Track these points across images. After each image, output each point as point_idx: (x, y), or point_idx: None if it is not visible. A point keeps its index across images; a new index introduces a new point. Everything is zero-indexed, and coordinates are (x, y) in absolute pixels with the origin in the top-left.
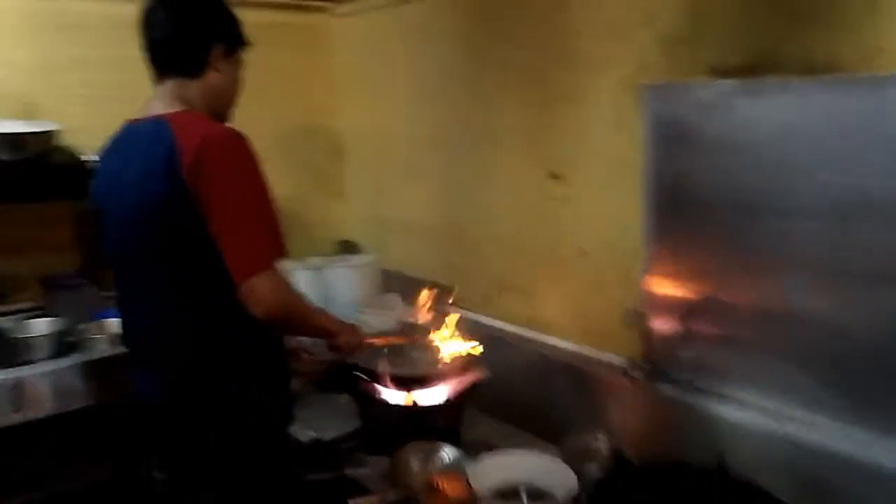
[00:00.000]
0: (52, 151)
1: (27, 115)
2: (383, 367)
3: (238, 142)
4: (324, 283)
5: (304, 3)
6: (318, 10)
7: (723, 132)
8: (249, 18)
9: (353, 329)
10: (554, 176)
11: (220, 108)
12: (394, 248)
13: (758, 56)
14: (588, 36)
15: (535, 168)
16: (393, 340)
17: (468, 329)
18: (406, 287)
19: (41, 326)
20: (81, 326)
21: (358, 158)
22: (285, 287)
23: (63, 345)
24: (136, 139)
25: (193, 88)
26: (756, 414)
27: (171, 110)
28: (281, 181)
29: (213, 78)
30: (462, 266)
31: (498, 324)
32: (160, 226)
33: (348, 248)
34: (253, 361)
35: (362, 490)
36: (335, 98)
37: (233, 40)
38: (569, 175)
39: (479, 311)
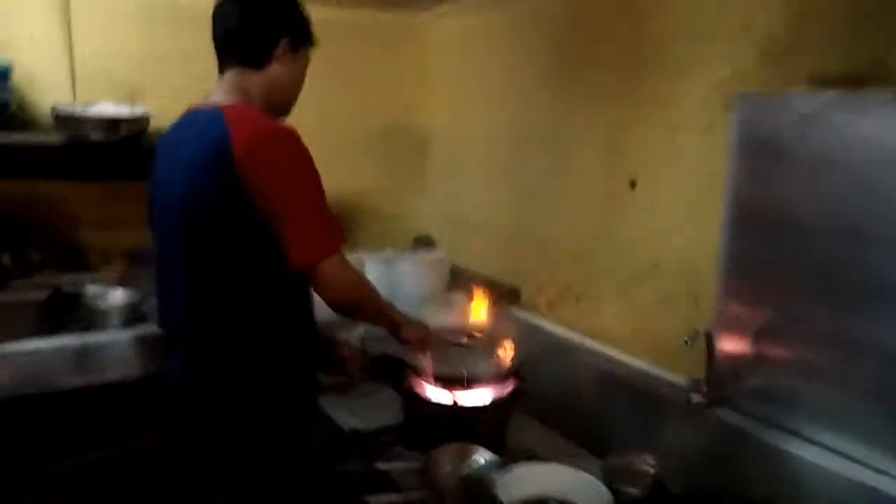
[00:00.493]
0: (144, 134)
1: (132, 101)
2: (428, 364)
3: (293, 137)
4: (392, 276)
5: (405, 0)
6: (418, 8)
7: (818, 149)
8: (348, 17)
9: (420, 325)
10: (633, 183)
11: (279, 102)
12: (467, 245)
13: (864, 65)
14: (683, 40)
15: (614, 174)
16: (459, 341)
17: (531, 334)
18: (475, 286)
19: (116, 296)
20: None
21: (441, 155)
22: (354, 272)
23: (134, 316)
24: (191, 127)
25: (254, 79)
26: (825, 454)
27: (228, 100)
28: (365, 173)
29: (275, 71)
30: (531, 269)
31: (560, 331)
32: (203, 216)
33: (424, 242)
34: (278, 358)
35: (389, 486)
36: (426, 95)
37: (300, 36)
38: (648, 183)
39: (545, 316)
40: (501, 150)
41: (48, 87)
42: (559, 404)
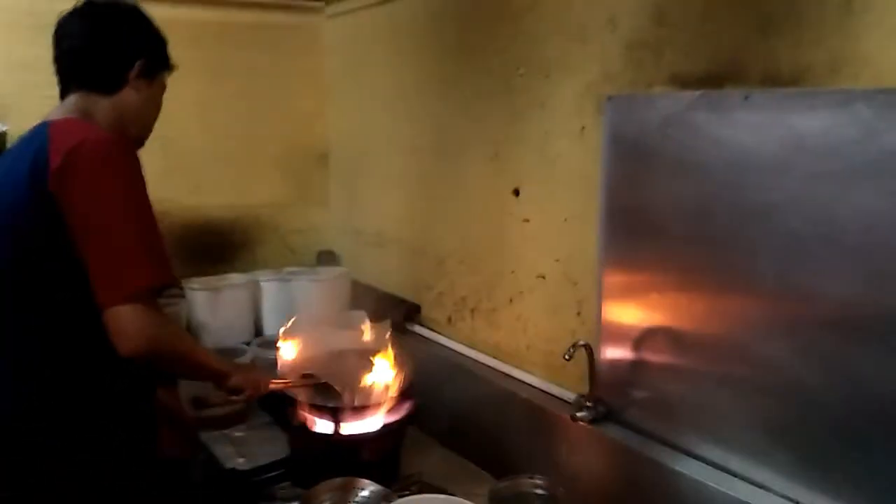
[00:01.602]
0: None
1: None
2: (305, 394)
3: (118, 147)
4: (290, 295)
5: (296, 3)
6: (309, 10)
7: (679, 151)
8: (236, 18)
9: (248, 371)
10: (516, 191)
11: (131, 130)
12: (369, 260)
13: (722, 65)
14: (555, 40)
15: (500, 182)
16: (299, 384)
17: (430, 351)
18: (376, 303)
19: None
20: None
21: (341, 166)
22: (157, 320)
23: None
24: (18, 143)
25: (102, 105)
26: (707, 469)
27: (64, 117)
28: (263, 187)
29: (127, 97)
30: (429, 284)
31: (459, 347)
32: (12, 240)
33: (327, 259)
34: (90, 400)
35: None
36: (322, 102)
37: (156, 59)
38: (530, 191)
39: (444, 332)
40: (397, 159)
41: None
42: (458, 424)
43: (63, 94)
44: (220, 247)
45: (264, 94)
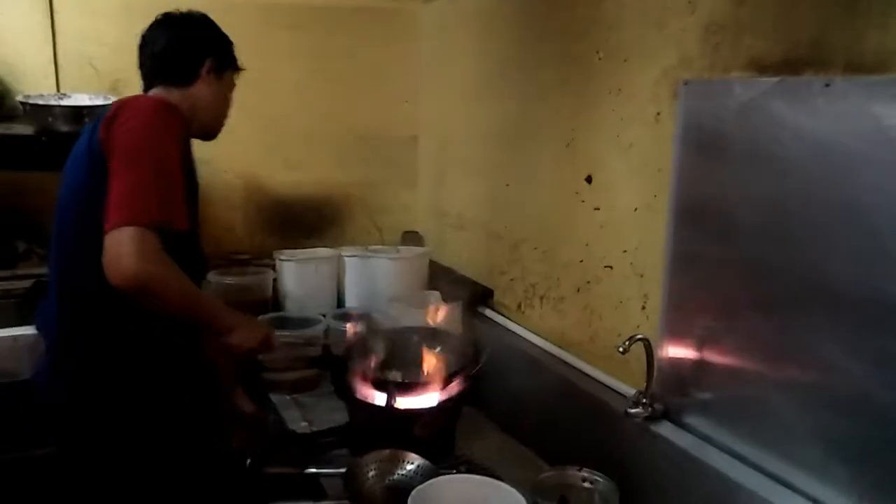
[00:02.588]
0: None
1: (115, 92)
2: (366, 367)
3: (160, 105)
4: (371, 272)
5: None
6: None
7: (756, 140)
8: (336, 3)
9: (255, 327)
10: (589, 178)
11: (203, 121)
12: (449, 243)
13: (803, 49)
14: (633, 24)
15: (574, 169)
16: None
17: (499, 336)
18: (452, 285)
19: None
20: None
21: (429, 148)
22: (153, 255)
23: None
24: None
25: (177, 95)
26: (764, 479)
27: None
28: (355, 166)
29: (200, 90)
30: (503, 269)
31: (526, 334)
32: (72, 199)
33: (412, 238)
34: (150, 357)
35: (316, 491)
36: (415, 86)
37: (224, 58)
38: (603, 178)
39: (513, 318)
40: (481, 143)
41: (31, 78)
42: (518, 410)
43: (146, 91)
44: (311, 221)
45: (360, 76)
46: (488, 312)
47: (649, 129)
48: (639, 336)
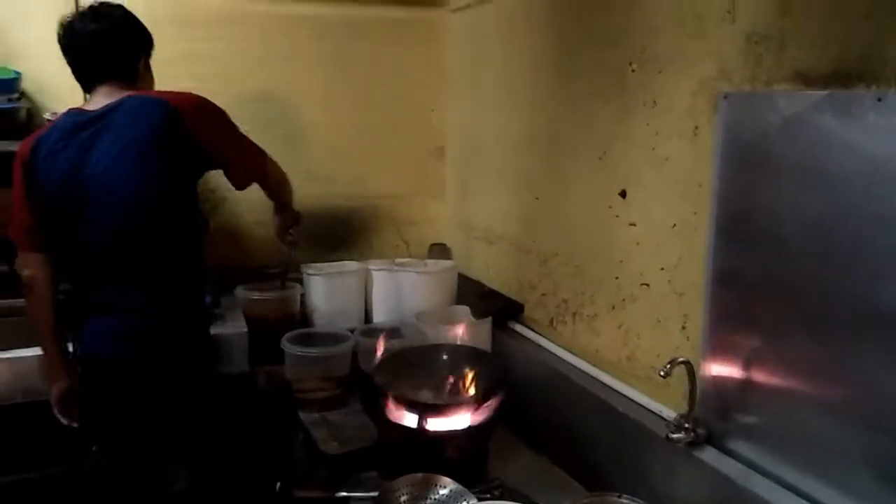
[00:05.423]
0: None
1: None
2: (395, 388)
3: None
4: (398, 286)
5: None
6: (434, 4)
7: (802, 155)
8: (361, 13)
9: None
10: (623, 193)
11: None
12: (477, 256)
13: (852, 62)
14: (669, 33)
15: (607, 183)
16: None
17: (529, 352)
18: (481, 299)
19: None
20: None
21: (456, 159)
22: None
23: None
24: (111, 120)
25: (128, 92)
26: None
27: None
28: (381, 177)
29: (142, 85)
30: (533, 283)
31: (559, 351)
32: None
33: (439, 251)
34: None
35: None
36: (442, 96)
37: (150, 52)
38: (638, 193)
39: (545, 334)
40: (509, 155)
41: (57, 94)
42: (552, 431)
43: (90, 89)
44: (338, 235)
45: (386, 87)
46: (518, 328)
47: (687, 142)
48: (681, 359)
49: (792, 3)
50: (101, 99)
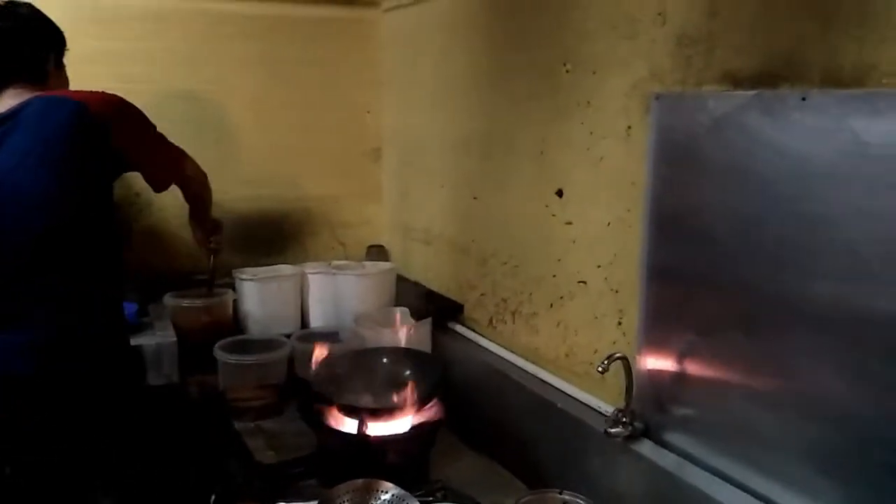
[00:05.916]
0: None
1: None
2: (334, 393)
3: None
4: (336, 289)
5: None
6: (366, 3)
7: (731, 155)
8: (291, 12)
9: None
10: (559, 192)
11: None
12: (415, 257)
13: (778, 62)
14: (602, 35)
15: (544, 182)
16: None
17: (469, 352)
18: (420, 300)
19: None
20: None
21: (393, 161)
22: None
23: None
24: (18, 121)
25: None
26: (747, 498)
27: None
28: (316, 180)
29: (52, 85)
30: (472, 283)
31: (499, 350)
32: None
33: (377, 253)
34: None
35: None
36: (377, 97)
37: (62, 51)
38: (574, 192)
39: (484, 334)
40: (447, 155)
41: None
42: (493, 430)
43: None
44: (272, 238)
45: (320, 87)
46: (458, 328)
47: (621, 142)
48: (618, 355)
49: (720, 6)
50: (9, 101)
